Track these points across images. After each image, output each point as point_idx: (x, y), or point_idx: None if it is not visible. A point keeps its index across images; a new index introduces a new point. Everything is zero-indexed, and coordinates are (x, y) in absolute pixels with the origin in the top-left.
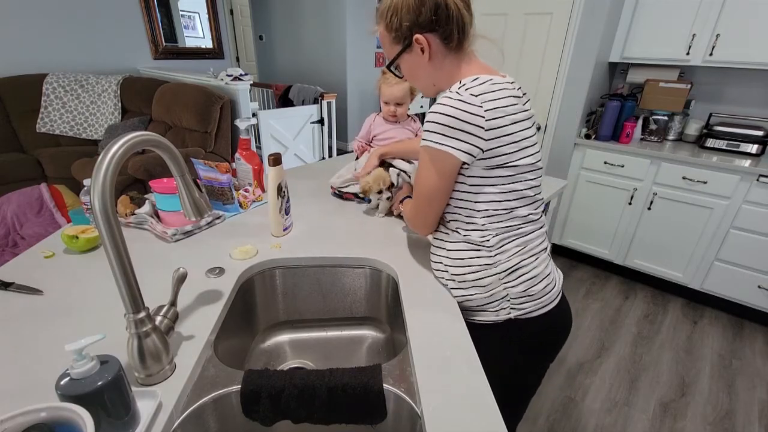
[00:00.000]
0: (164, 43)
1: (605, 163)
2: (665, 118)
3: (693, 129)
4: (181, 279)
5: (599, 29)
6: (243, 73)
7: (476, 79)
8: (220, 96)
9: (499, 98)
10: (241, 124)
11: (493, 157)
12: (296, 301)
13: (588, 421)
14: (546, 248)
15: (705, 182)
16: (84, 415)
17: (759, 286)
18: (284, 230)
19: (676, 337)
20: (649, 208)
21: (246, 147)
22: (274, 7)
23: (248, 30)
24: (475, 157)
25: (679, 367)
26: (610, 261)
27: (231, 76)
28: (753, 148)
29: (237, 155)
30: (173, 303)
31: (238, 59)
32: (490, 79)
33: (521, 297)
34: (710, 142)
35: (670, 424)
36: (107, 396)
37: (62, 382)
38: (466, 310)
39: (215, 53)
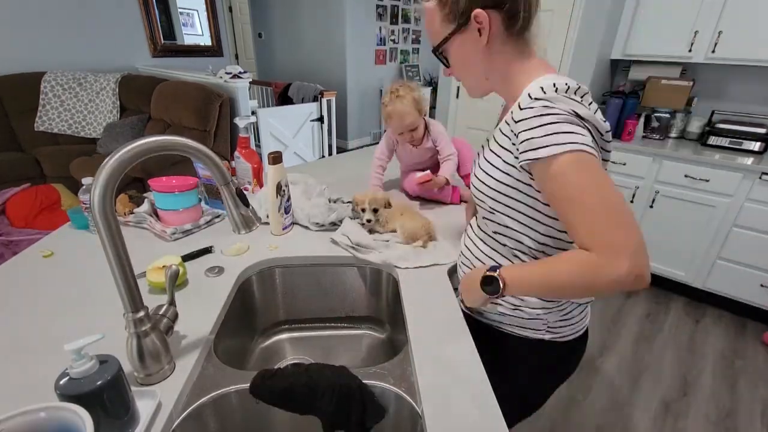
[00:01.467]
0: (163, 41)
1: None
2: (667, 115)
3: (695, 127)
4: (173, 276)
5: (601, 26)
6: (242, 70)
7: (576, 86)
8: (219, 94)
9: (596, 111)
10: (241, 123)
11: None
12: (296, 300)
13: (589, 420)
14: None
15: (707, 180)
16: (83, 414)
17: (761, 285)
18: (284, 229)
19: (678, 336)
20: (651, 207)
21: (245, 145)
22: (273, 4)
23: (247, 27)
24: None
25: (681, 366)
26: None
27: (230, 73)
28: (756, 146)
29: (236, 154)
30: (172, 302)
31: (237, 57)
32: (577, 86)
33: (559, 321)
34: (713, 140)
35: (672, 424)
36: (106, 396)
37: (61, 382)
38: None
39: (214, 51)
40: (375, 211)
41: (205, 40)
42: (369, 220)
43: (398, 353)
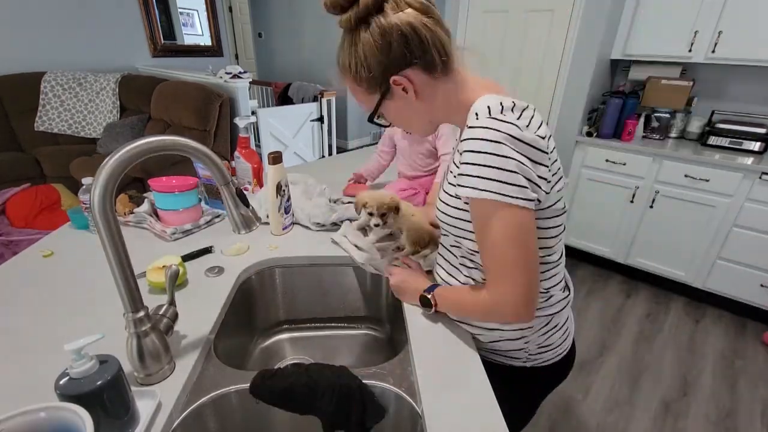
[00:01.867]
0: (163, 41)
1: (607, 161)
2: (667, 115)
3: (695, 127)
4: (173, 277)
5: (601, 26)
6: (242, 70)
7: (514, 105)
8: (219, 94)
9: (550, 135)
10: (241, 123)
11: (541, 209)
12: (296, 300)
13: (589, 420)
14: (569, 299)
15: (707, 180)
16: (83, 414)
17: (761, 285)
18: (284, 229)
19: (678, 336)
20: (651, 207)
21: (245, 145)
22: (273, 4)
23: (247, 27)
24: (543, 195)
25: (681, 366)
26: (611, 260)
27: (230, 73)
28: (756, 146)
29: (236, 153)
30: (172, 302)
31: (237, 57)
32: (526, 104)
33: (539, 348)
34: (713, 140)
35: (672, 424)
36: (106, 396)
37: (61, 382)
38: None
39: (214, 51)
40: (383, 215)
41: (205, 40)
42: (377, 225)
43: (398, 353)
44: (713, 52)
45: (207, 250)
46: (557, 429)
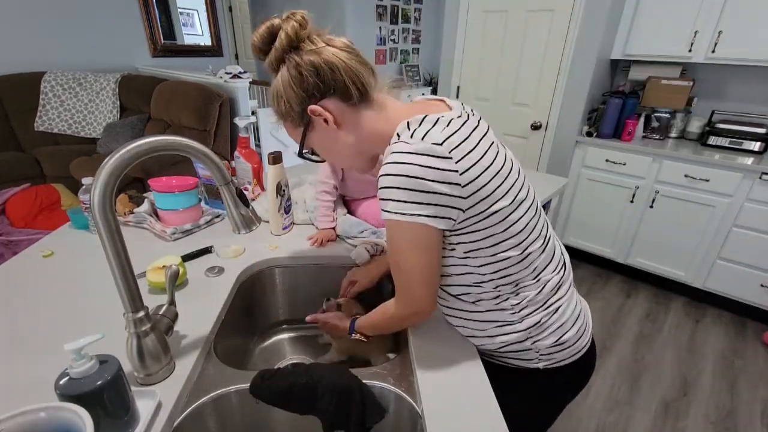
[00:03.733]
0: (162, 41)
1: (607, 161)
2: (667, 115)
3: (695, 127)
4: (173, 277)
5: (601, 26)
6: (242, 70)
7: (424, 119)
8: (219, 94)
9: (464, 139)
10: (241, 123)
11: (477, 215)
12: (296, 300)
13: (589, 420)
14: (567, 279)
15: (707, 180)
16: (83, 414)
17: (761, 285)
18: (284, 229)
19: (678, 336)
20: (651, 207)
21: (245, 145)
22: (273, 4)
23: (247, 27)
24: (455, 220)
25: (681, 366)
26: (611, 259)
27: (230, 73)
28: (756, 146)
29: (236, 153)
30: (172, 302)
31: (237, 57)
32: (438, 118)
33: (552, 347)
34: (713, 140)
35: (672, 424)
36: (106, 396)
37: (61, 382)
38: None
39: (214, 51)
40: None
41: (205, 40)
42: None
43: (398, 353)
44: (713, 52)
45: (207, 250)
46: (557, 429)
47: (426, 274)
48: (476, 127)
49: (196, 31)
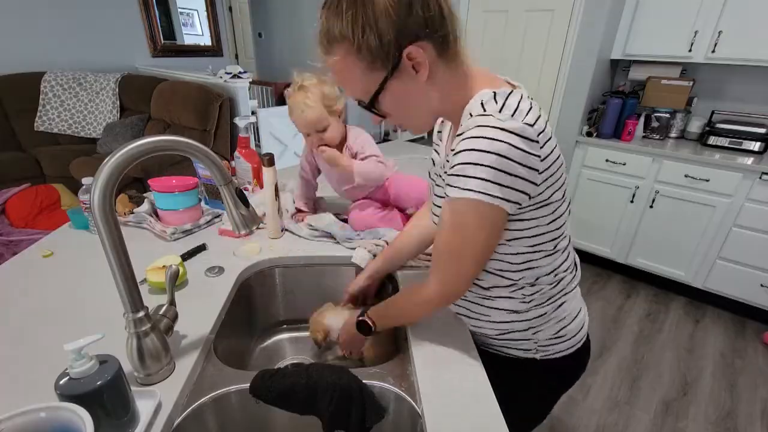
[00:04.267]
0: (162, 41)
1: (607, 161)
2: (667, 115)
3: (695, 127)
4: (173, 277)
5: (601, 26)
6: (242, 70)
7: (511, 93)
8: (219, 94)
9: (546, 123)
10: (241, 123)
11: (537, 203)
12: (296, 300)
13: (590, 420)
14: (576, 280)
15: (707, 180)
16: (83, 414)
17: (761, 285)
18: (282, 231)
19: (678, 336)
20: (651, 207)
21: (245, 145)
22: (273, 4)
23: (247, 27)
24: (522, 205)
25: (681, 366)
26: (611, 260)
27: (230, 73)
28: (756, 146)
29: (236, 153)
30: (172, 302)
31: (237, 57)
32: (521, 94)
33: (551, 339)
34: (712, 140)
35: (672, 424)
36: (106, 396)
37: (61, 382)
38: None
39: (214, 51)
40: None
41: (205, 40)
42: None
43: (399, 353)
44: (713, 52)
45: (201, 248)
46: (557, 429)
47: (483, 255)
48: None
49: (196, 31)
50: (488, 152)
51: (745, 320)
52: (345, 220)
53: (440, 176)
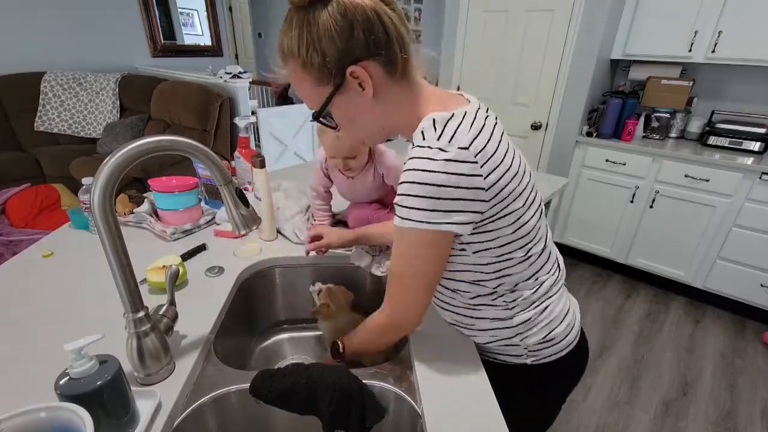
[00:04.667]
0: (162, 41)
1: (607, 161)
2: (667, 115)
3: (695, 127)
4: (173, 276)
5: (601, 26)
6: (242, 70)
7: (451, 117)
8: (219, 94)
9: (488, 140)
10: (241, 123)
11: (493, 216)
12: (296, 300)
13: (590, 420)
14: (560, 280)
15: (707, 180)
16: (83, 414)
17: (761, 285)
18: (277, 233)
19: (678, 336)
20: (651, 207)
21: (245, 145)
22: (273, 4)
23: (247, 27)
24: (476, 223)
25: (681, 366)
26: (611, 259)
27: (230, 73)
28: (756, 146)
29: (236, 153)
30: (172, 302)
31: (237, 57)
32: (464, 114)
33: (539, 344)
34: (712, 140)
35: (672, 424)
36: (106, 396)
37: (61, 382)
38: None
39: (214, 51)
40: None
41: (205, 40)
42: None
43: (399, 353)
44: (713, 52)
45: (201, 248)
46: (557, 429)
47: (430, 279)
48: (495, 124)
49: (196, 31)
50: (423, 184)
51: (745, 320)
52: (344, 222)
53: None
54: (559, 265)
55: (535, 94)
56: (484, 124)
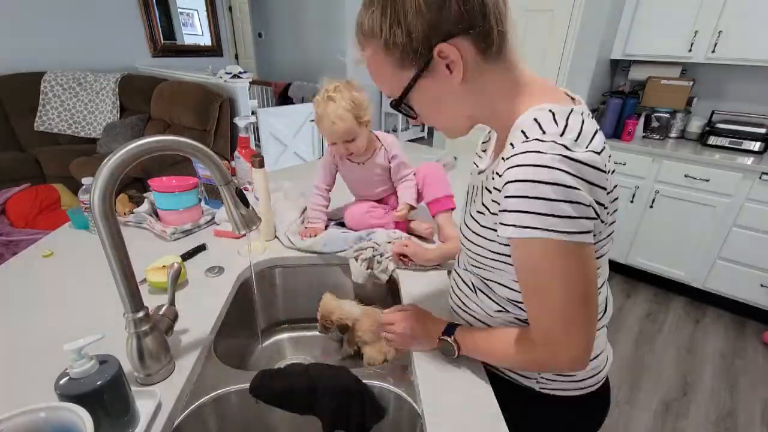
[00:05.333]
0: (162, 41)
1: None
2: (667, 115)
3: (695, 127)
4: (176, 275)
5: (601, 26)
6: (242, 70)
7: (570, 113)
8: (219, 94)
9: (608, 150)
10: (241, 123)
11: (602, 231)
12: (296, 300)
13: None
14: (602, 323)
15: (707, 180)
16: (83, 414)
17: (761, 285)
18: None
19: (678, 336)
20: (651, 207)
21: (245, 145)
22: (273, 4)
23: (247, 27)
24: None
25: (681, 366)
26: (611, 260)
27: (230, 73)
28: (755, 146)
29: (236, 153)
30: (172, 302)
31: (237, 57)
32: (581, 112)
33: (555, 375)
34: (712, 140)
35: (672, 424)
36: (106, 396)
37: (61, 382)
38: None
39: (214, 51)
40: (343, 329)
41: (205, 40)
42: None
43: (398, 353)
44: (713, 52)
45: (201, 248)
46: None
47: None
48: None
49: (196, 31)
50: (554, 184)
51: (745, 320)
52: (341, 223)
53: (478, 191)
54: (606, 307)
55: None
56: (594, 124)
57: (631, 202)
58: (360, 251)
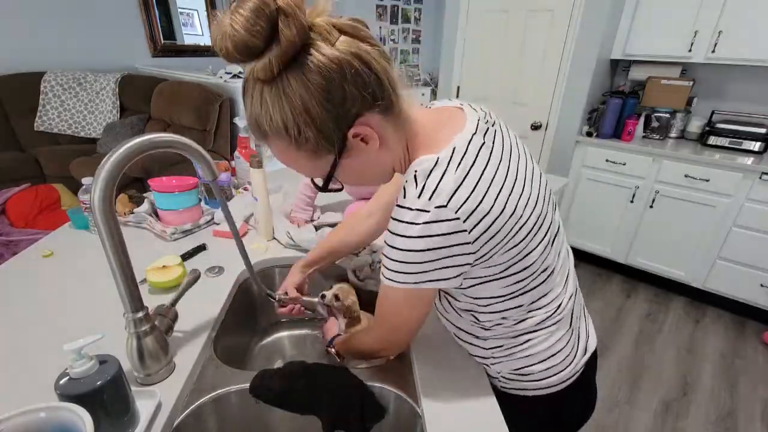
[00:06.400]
0: (162, 41)
1: (607, 161)
2: (667, 115)
3: (695, 127)
4: (192, 282)
5: (601, 26)
6: (242, 70)
7: (434, 167)
8: (219, 94)
9: (476, 184)
10: (241, 123)
11: (484, 256)
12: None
13: (589, 420)
14: (556, 317)
15: (707, 180)
16: (83, 414)
17: (761, 285)
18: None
19: (678, 336)
20: (651, 207)
21: (245, 145)
22: None
23: None
24: (466, 272)
25: (681, 366)
26: (611, 260)
27: (230, 73)
28: (756, 146)
29: (236, 153)
30: (173, 302)
31: None
32: (451, 154)
33: (512, 373)
34: (712, 140)
35: (672, 423)
36: (106, 395)
37: (61, 382)
38: None
39: (214, 51)
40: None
41: (205, 40)
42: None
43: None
44: (713, 52)
45: (201, 248)
46: None
47: (416, 326)
48: (492, 147)
49: (196, 31)
50: (404, 250)
51: (745, 320)
52: (331, 225)
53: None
54: (560, 305)
55: (535, 94)
56: (474, 162)
57: (631, 202)
58: (357, 267)
